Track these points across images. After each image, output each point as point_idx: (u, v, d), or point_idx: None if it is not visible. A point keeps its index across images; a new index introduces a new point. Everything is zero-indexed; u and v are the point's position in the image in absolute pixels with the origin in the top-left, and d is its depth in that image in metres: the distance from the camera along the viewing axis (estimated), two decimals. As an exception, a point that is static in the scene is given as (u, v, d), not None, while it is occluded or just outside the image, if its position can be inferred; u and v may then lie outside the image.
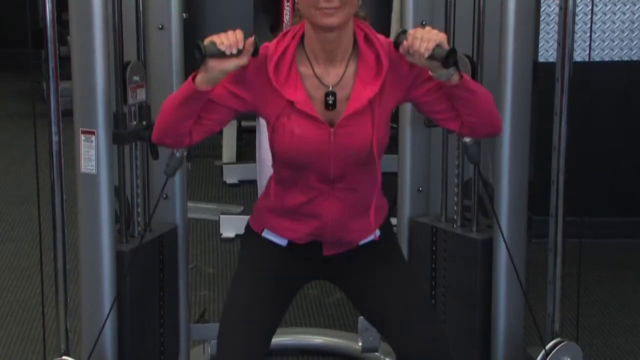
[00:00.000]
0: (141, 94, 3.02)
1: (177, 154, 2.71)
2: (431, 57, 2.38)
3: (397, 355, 2.63)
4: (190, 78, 2.45)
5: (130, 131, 2.97)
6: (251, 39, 2.41)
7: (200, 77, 2.43)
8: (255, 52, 2.43)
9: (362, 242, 2.66)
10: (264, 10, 4.52)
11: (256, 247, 2.68)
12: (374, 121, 2.50)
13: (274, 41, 2.53)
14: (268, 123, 2.54)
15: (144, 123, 3.02)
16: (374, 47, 2.51)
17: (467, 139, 2.75)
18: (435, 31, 2.40)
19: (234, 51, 2.38)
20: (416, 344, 2.56)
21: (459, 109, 2.52)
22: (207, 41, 2.39)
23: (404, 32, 2.42)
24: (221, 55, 2.38)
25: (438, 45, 2.37)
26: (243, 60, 2.41)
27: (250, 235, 2.70)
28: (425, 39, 2.37)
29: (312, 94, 2.51)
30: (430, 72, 2.46)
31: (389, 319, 2.62)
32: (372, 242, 2.66)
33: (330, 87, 2.51)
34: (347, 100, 2.50)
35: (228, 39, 2.38)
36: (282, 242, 2.65)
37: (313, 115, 2.48)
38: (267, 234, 2.66)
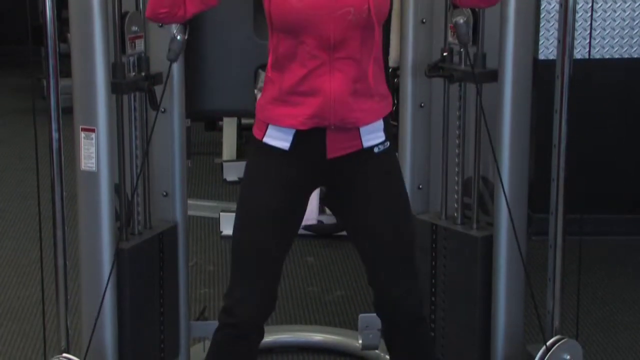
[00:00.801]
0: (140, 45, 2.99)
1: (178, 37, 2.67)
2: None
3: (373, 292, 2.79)
4: None
5: (128, 81, 2.94)
6: None
7: None
8: None
9: (366, 141, 2.66)
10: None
11: (259, 163, 2.69)
12: None
13: None
14: None
15: (143, 74, 3.00)
16: None
17: (459, 18, 2.76)
18: None
19: None
20: (391, 295, 2.73)
21: None
22: None
23: None
24: None
25: None
26: None
27: (253, 144, 2.70)
28: None
29: None
30: None
31: (373, 258, 2.74)
32: (377, 150, 2.67)
33: None
34: None
35: None
36: (285, 142, 2.64)
37: None
38: (268, 137, 2.65)
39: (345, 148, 2.66)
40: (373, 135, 2.68)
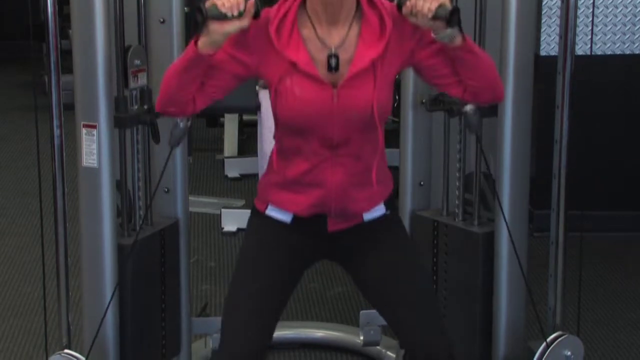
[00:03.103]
0: (142, 78, 3.01)
1: (181, 124, 2.70)
2: (434, 17, 2.38)
3: (403, 349, 2.65)
4: (192, 42, 2.45)
5: (131, 115, 2.96)
6: (252, 1, 2.42)
7: (202, 41, 2.43)
8: (256, 14, 2.43)
9: (367, 216, 2.64)
10: (268, 1, 4.51)
11: (260, 226, 2.67)
12: (376, 83, 2.49)
13: (276, 5, 2.53)
14: (270, 86, 2.53)
15: (146, 107, 3.01)
16: (377, 9, 2.51)
17: (469, 108, 2.75)
18: None
19: (235, 13, 2.39)
20: (420, 343, 2.58)
21: (462, 72, 2.51)
22: (208, 4, 2.39)
23: None
24: (223, 17, 2.39)
25: (441, 5, 2.38)
26: (244, 22, 2.41)
27: (254, 215, 2.69)
28: (428, 0, 2.38)
29: (315, 56, 2.50)
30: (433, 34, 2.46)
31: (394, 311, 2.64)
32: (378, 219, 2.66)
33: (333, 49, 2.49)
34: (349, 63, 2.49)
35: (229, 1, 2.39)
36: (287, 218, 2.63)
37: (316, 76, 2.48)
38: (270, 211, 2.65)
39: (346, 224, 2.65)
40: (374, 212, 2.66)
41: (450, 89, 2.58)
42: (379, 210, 2.66)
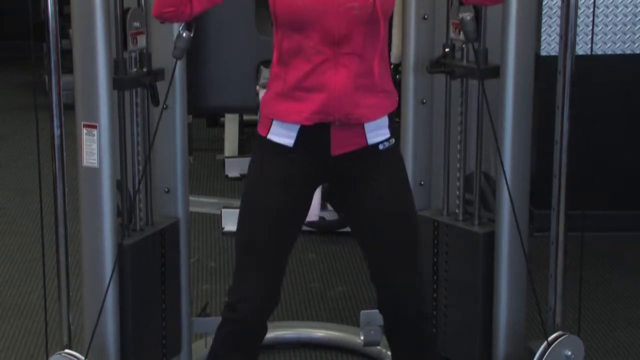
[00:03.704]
0: (141, 41, 2.99)
1: (184, 34, 2.67)
2: None
3: (375, 288, 2.79)
4: None
5: (130, 77, 2.94)
6: None
7: None
8: None
9: (371, 138, 2.66)
10: (266, 4, 4.50)
11: (262, 154, 2.68)
12: None
13: None
14: None
15: (145, 70, 3.00)
16: None
17: (467, 15, 2.76)
18: None
19: None
20: (392, 294, 2.74)
21: None
22: None
23: None
24: None
25: None
26: None
27: (256, 142, 2.71)
28: None
29: None
30: None
31: (374, 255, 2.74)
32: (382, 150, 2.67)
33: None
34: None
35: None
36: (289, 138, 2.63)
37: None
38: (273, 134, 2.65)
39: (349, 145, 2.65)
40: (377, 132, 2.68)
41: None
42: (383, 131, 2.67)
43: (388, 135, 2.69)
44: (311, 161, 2.66)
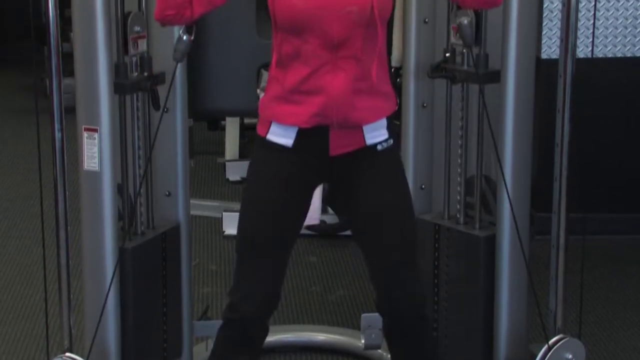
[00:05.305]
0: (142, 45, 2.99)
1: (184, 37, 2.68)
2: None
3: (374, 290, 2.79)
4: None
5: (131, 81, 2.95)
6: None
7: None
8: None
9: (370, 138, 2.67)
10: (266, 7, 4.51)
11: (262, 154, 2.70)
12: None
13: None
14: None
15: (146, 74, 3.00)
16: None
17: (464, 19, 2.76)
18: None
19: None
20: (390, 291, 2.73)
21: None
22: None
23: None
24: None
25: None
26: None
27: (256, 142, 2.72)
28: None
29: None
30: None
31: (372, 256, 2.74)
32: (381, 150, 2.68)
33: None
34: None
35: None
36: (289, 139, 2.65)
37: None
38: (272, 134, 2.66)
39: (348, 145, 2.67)
40: (376, 133, 2.69)
41: None
42: (381, 133, 2.69)
43: (386, 136, 2.70)
44: (310, 161, 2.68)
